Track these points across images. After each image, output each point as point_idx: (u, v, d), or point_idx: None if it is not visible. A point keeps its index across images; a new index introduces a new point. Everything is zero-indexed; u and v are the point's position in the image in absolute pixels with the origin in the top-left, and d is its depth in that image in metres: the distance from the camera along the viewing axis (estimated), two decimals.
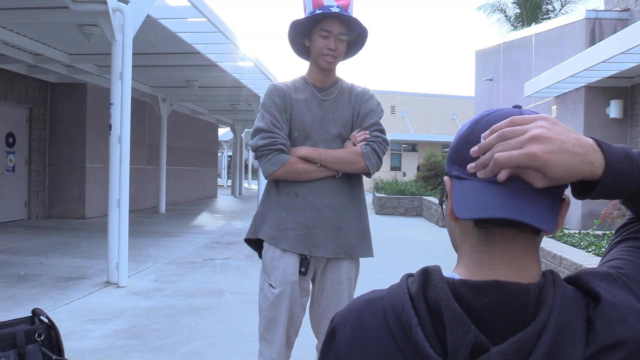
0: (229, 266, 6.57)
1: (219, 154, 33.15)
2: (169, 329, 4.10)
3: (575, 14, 10.44)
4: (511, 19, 21.93)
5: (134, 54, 5.65)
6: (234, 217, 13.06)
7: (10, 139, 10.29)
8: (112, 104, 5.45)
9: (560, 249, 5.21)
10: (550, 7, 21.31)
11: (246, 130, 23.91)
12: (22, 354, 1.82)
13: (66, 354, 1.95)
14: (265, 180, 2.22)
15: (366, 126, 2.20)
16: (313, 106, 2.19)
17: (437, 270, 0.72)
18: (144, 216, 12.18)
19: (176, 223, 11.26)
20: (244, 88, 12.20)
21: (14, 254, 6.93)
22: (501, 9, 21.90)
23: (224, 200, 19.23)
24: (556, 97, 10.06)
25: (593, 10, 9.46)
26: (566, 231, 6.77)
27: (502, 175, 0.69)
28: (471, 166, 0.72)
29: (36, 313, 1.95)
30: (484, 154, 0.71)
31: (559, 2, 21.04)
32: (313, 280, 2.26)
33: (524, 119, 0.70)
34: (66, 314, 4.38)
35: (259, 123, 2.16)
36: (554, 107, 10.17)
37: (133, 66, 5.66)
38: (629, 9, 9.22)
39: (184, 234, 9.56)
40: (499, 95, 13.72)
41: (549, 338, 0.64)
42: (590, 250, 5.18)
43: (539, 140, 0.67)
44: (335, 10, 2.06)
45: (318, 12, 2.08)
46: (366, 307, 0.75)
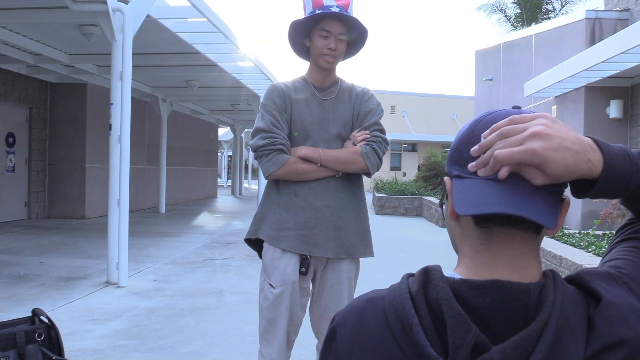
0: (229, 266, 6.57)
1: (219, 154, 33.16)
2: (169, 329, 4.10)
3: (575, 14, 10.44)
4: (511, 19, 21.94)
5: (134, 54, 5.65)
6: (234, 217, 13.06)
7: (10, 139, 10.29)
8: (112, 104, 5.46)
9: (560, 249, 5.21)
10: (550, 7, 21.32)
11: (246, 130, 23.91)
12: (22, 354, 1.82)
13: (66, 354, 1.95)
14: (265, 180, 2.22)
15: (366, 126, 2.20)
16: (313, 106, 2.19)
17: (437, 269, 0.72)
18: (144, 216, 12.18)
19: (176, 223, 11.26)
20: (244, 88, 12.20)
21: (14, 254, 6.93)
22: (501, 9, 21.91)
23: (224, 200, 19.22)
24: (556, 97, 10.06)
25: (593, 10, 9.46)
26: (566, 231, 6.77)
27: (503, 173, 0.69)
28: (472, 165, 0.72)
29: (36, 313, 1.95)
30: (484, 152, 0.71)
31: (559, 2, 21.06)
32: (313, 280, 2.25)
33: (523, 117, 0.71)
34: (66, 314, 4.38)
35: (259, 123, 2.16)
36: (554, 107, 10.17)
37: (133, 66, 5.66)
38: (629, 9, 9.22)
39: (184, 234, 9.56)
40: (499, 95, 13.72)
41: (549, 337, 0.64)
42: (590, 250, 5.17)
43: (539, 137, 0.67)
44: (335, 10, 2.06)
45: (318, 12, 2.08)
46: (367, 307, 0.75)
